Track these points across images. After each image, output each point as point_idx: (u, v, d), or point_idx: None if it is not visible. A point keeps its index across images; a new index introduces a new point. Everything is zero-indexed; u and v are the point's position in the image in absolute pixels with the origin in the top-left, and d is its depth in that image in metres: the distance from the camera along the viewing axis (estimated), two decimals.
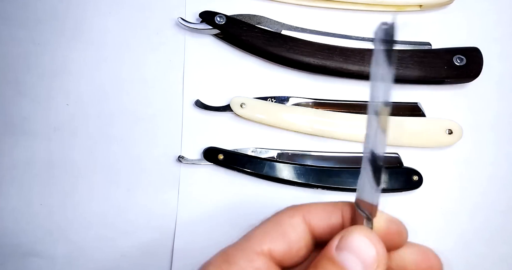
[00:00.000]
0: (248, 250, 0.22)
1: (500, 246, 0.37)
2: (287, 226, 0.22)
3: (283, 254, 0.22)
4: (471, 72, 0.37)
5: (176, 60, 0.39)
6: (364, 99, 0.38)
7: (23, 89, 0.39)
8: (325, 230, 0.23)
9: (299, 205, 0.23)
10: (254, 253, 0.22)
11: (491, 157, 0.38)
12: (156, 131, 0.38)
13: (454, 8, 0.40)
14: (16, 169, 0.38)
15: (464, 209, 0.37)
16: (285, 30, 0.39)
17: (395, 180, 0.36)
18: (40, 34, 0.40)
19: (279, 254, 0.22)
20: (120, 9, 0.40)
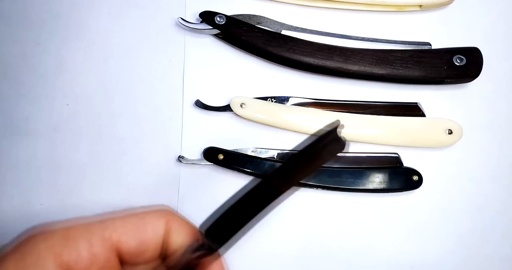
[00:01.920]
0: (95, 233, 0.21)
1: (500, 247, 0.37)
2: (148, 225, 0.22)
3: (130, 249, 0.21)
4: (471, 72, 0.37)
5: (176, 60, 0.39)
6: (364, 99, 0.38)
7: (24, 89, 0.39)
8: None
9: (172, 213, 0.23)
10: (99, 238, 0.21)
11: (491, 157, 0.38)
12: (156, 131, 0.38)
13: (454, 8, 0.40)
14: (16, 169, 0.38)
15: (464, 209, 0.37)
16: (285, 30, 0.39)
17: (395, 180, 0.36)
18: (41, 34, 0.40)
19: (127, 248, 0.21)
20: (120, 9, 0.40)
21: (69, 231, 0.21)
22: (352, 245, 0.37)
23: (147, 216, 0.22)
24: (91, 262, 0.20)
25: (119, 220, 0.22)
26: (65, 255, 0.20)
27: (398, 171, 0.36)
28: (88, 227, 0.21)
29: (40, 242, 0.20)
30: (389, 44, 0.39)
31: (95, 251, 0.20)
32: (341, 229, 0.37)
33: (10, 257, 0.20)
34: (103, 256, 0.21)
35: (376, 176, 0.36)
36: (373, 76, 0.37)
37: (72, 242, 0.20)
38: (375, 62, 0.37)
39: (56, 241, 0.20)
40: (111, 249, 0.21)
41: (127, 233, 0.21)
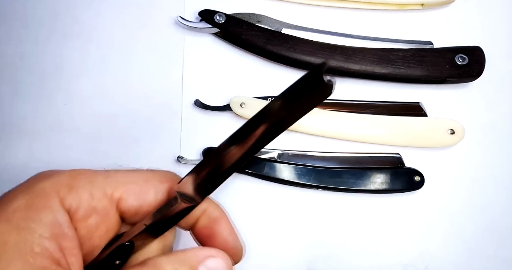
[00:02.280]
0: (97, 186, 0.21)
1: (503, 248, 0.37)
2: (151, 186, 0.22)
3: (130, 208, 0.22)
4: (474, 72, 0.37)
5: (175, 59, 0.39)
6: (365, 99, 0.38)
7: (21, 89, 0.39)
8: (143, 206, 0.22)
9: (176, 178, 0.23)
10: (102, 193, 0.21)
11: (493, 157, 0.38)
12: (155, 131, 0.38)
13: (456, 6, 0.40)
14: (14, 169, 0.38)
15: (466, 210, 0.37)
16: (285, 29, 0.38)
17: (396, 180, 0.36)
18: (39, 34, 0.40)
19: (127, 207, 0.22)
20: (119, 8, 0.40)
21: (74, 179, 0.21)
22: (353, 245, 0.36)
23: (151, 178, 0.22)
24: (90, 212, 0.21)
25: (123, 178, 0.22)
26: (67, 200, 0.20)
27: (399, 171, 0.36)
28: (91, 180, 0.21)
29: (46, 181, 0.21)
30: (390, 43, 0.38)
31: (95, 204, 0.21)
32: (343, 229, 0.37)
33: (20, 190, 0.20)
34: (103, 210, 0.21)
35: (378, 176, 0.36)
36: (375, 76, 0.37)
37: (74, 190, 0.20)
38: (376, 61, 0.37)
39: (61, 185, 0.21)
40: (111, 205, 0.21)
41: (129, 192, 0.22)
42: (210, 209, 0.23)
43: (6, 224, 0.18)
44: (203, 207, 0.23)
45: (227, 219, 0.24)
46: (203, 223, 0.23)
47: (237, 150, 0.19)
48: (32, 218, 0.19)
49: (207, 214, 0.23)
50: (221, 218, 0.23)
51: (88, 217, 0.21)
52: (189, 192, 0.21)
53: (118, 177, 0.22)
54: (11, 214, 0.18)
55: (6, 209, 0.19)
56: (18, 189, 0.20)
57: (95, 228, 0.21)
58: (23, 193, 0.20)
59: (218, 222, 0.23)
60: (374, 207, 0.37)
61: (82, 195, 0.21)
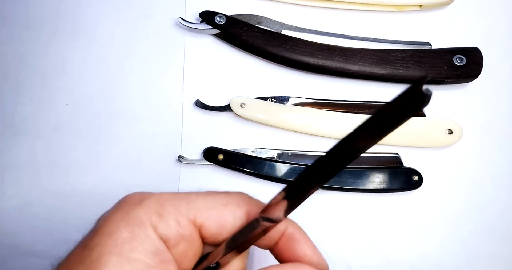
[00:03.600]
0: (182, 213, 0.22)
1: (501, 247, 0.37)
2: (230, 212, 0.23)
3: (211, 234, 0.22)
4: (471, 72, 0.37)
5: (176, 60, 0.39)
6: (364, 99, 0.38)
7: (23, 89, 0.39)
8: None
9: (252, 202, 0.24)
10: (187, 219, 0.22)
11: (491, 157, 0.38)
12: (156, 131, 0.38)
13: (454, 8, 0.40)
14: (16, 169, 0.38)
15: (464, 209, 0.37)
16: (285, 30, 0.39)
17: (395, 180, 0.36)
18: (40, 34, 0.40)
19: (208, 233, 0.22)
20: (120, 9, 0.40)
21: (161, 206, 0.22)
22: (352, 245, 0.37)
23: (229, 203, 0.23)
24: (179, 239, 0.22)
25: (203, 204, 0.23)
26: (159, 228, 0.21)
27: (398, 171, 0.36)
28: (177, 207, 0.22)
29: (140, 210, 0.21)
30: (389, 44, 0.38)
31: (182, 231, 0.22)
32: (341, 229, 0.37)
33: (119, 219, 0.21)
34: (189, 236, 0.22)
35: (376, 176, 0.36)
36: (373, 76, 0.37)
37: (164, 218, 0.21)
38: (375, 62, 0.37)
39: (152, 213, 0.21)
40: (195, 230, 0.22)
41: (210, 219, 0.22)
42: (290, 228, 0.24)
43: (119, 256, 0.20)
44: (283, 227, 0.23)
45: (308, 237, 0.24)
46: (283, 243, 0.24)
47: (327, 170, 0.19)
48: (138, 249, 0.20)
49: (288, 234, 0.24)
50: (302, 238, 0.24)
51: (178, 243, 0.22)
52: (278, 217, 0.21)
53: (199, 202, 0.23)
54: (120, 247, 0.20)
55: (115, 241, 0.20)
56: (116, 216, 0.22)
57: (184, 253, 0.22)
58: (123, 223, 0.21)
59: (300, 242, 0.23)
60: (373, 207, 0.37)
61: (170, 223, 0.21)
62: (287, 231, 0.24)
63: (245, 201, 0.24)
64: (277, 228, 0.23)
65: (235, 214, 0.23)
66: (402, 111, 0.16)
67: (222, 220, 0.22)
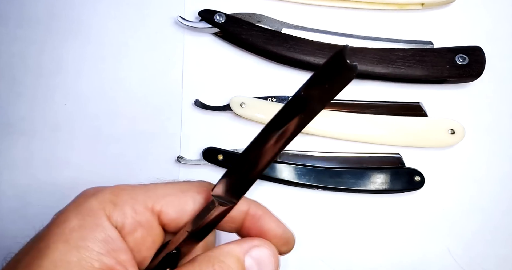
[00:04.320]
0: (139, 201, 0.22)
1: (503, 247, 0.37)
2: (189, 197, 0.23)
3: (171, 220, 0.22)
4: (474, 72, 0.37)
5: (175, 59, 0.39)
6: (365, 98, 0.38)
7: (21, 89, 0.39)
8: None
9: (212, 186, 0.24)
10: (144, 207, 0.22)
11: (493, 157, 0.38)
12: (155, 131, 0.38)
13: (456, 6, 0.40)
14: (13, 169, 0.38)
15: (466, 210, 0.37)
16: (285, 29, 0.38)
17: (397, 180, 0.36)
18: (38, 33, 0.40)
19: (167, 219, 0.22)
20: (118, 8, 0.40)
21: (116, 196, 0.22)
22: (353, 246, 0.36)
23: (188, 189, 0.23)
24: (136, 226, 0.22)
25: (161, 191, 0.23)
26: (113, 217, 0.21)
27: (400, 171, 0.36)
28: (132, 196, 0.22)
29: (93, 200, 0.21)
30: (390, 43, 0.38)
31: (139, 218, 0.22)
32: (343, 230, 0.37)
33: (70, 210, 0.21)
34: (146, 223, 0.22)
35: (378, 176, 0.36)
36: (375, 76, 0.37)
37: (119, 206, 0.21)
38: (376, 61, 0.37)
39: (105, 202, 0.21)
40: (153, 217, 0.22)
41: (169, 204, 0.22)
42: (252, 208, 0.24)
43: (66, 244, 0.19)
44: (245, 208, 0.24)
45: (271, 213, 0.24)
46: (248, 223, 0.24)
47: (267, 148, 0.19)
48: (87, 237, 0.20)
49: (251, 214, 0.24)
50: (265, 214, 0.24)
51: (134, 231, 0.22)
52: (224, 194, 0.21)
53: (157, 190, 0.23)
54: (68, 235, 0.20)
55: (63, 230, 0.20)
56: (69, 208, 0.22)
57: (142, 240, 0.22)
58: (74, 213, 0.21)
59: (263, 219, 0.23)
60: (374, 207, 0.37)
61: (126, 211, 0.21)
62: (249, 211, 0.24)
63: (206, 187, 0.24)
64: (237, 209, 0.23)
65: (195, 199, 0.23)
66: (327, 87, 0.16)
67: (181, 205, 0.23)
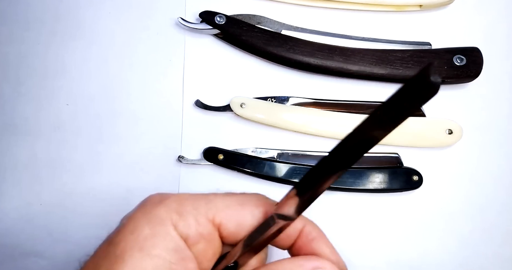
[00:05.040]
0: (202, 213, 0.22)
1: (501, 247, 0.37)
2: (248, 211, 0.23)
3: (229, 233, 0.23)
4: (471, 72, 0.37)
5: (176, 60, 0.39)
6: (364, 99, 0.38)
7: (23, 89, 0.39)
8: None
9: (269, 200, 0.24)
10: (206, 219, 0.22)
11: (491, 157, 0.38)
12: (156, 131, 0.38)
13: (454, 8, 0.40)
14: (16, 169, 0.38)
15: (464, 210, 0.37)
16: (285, 30, 0.39)
17: (395, 180, 0.36)
18: (41, 34, 0.40)
19: (226, 232, 0.23)
20: (120, 9, 0.40)
21: (181, 206, 0.22)
22: (352, 245, 0.36)
23: (247, 203, 0.23)
24: (199, 238, 0.22)
25: (221, 204, 0.23)
26: (179, 227, 0.22)
27: (398, 171, 0.36)
28: (196, 206, 0.22)
29: (161, 208, 0.22)
30: (389, 44, 0.38)
31: (201, 230, 0.22)
32: (341, 229, 0.37)
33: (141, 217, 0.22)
34: (209, 235, 0.22)
35: (376, 176, 0.36)
36: (373, 76, 0.37)
37: (184, 217, 0.22)
38: (375, 62, 0.37)
39: (172, 212, 0.22)
40: (214, 229, 0.23)
41: (229, 218, 0.23)
42: (308, 227, 0.24)
43: (141, 252, 0.20)
44: (300, 226, 0.24)
45: (326, 237, 0.24)
46: (302, 242, 0.24)
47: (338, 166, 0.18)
48: (160, 245, 0.21)
49: (305, 233, 0.24)
50: (319, 236, 0.24)
51: (197, 242, 0.22)
52: (290, 213, 0.21)
53: (217, 202, 0.23)
54: (142, 243, 0.21)
55: (137, 237, 0.21)
56: (138, 215, 0.22)
57: (204, 252, 0.22)
58: (145, 220, 0.22)
59: (317, 241, 0.24)
60: (373, 207, 0.37)
61: (190, 222, 0.22)
62: (304, 229, 0.24)
63: (263, 201, 0.24)
64: (293, 226, 0.23)
65: (253, 213, 0.23)
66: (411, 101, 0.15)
67: (240, 219, 0.23)
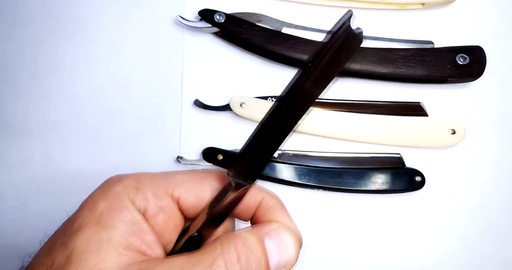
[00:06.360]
0: (160, 187, 0.23)
1: (503, 248, 0.37)
2: (207, 184, 0.24)
3: (190, 206, 0.24)
4: (474, 71, 0.36)
5: (175, 59, 0.39)
6: (366, 98, 0.38)
7: (20, 88, 0.39)
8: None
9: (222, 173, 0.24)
10: (164, 192, 0.23)
11: (494, 157, 0.37)
12: (155, 131, 0.38)
13: (457, 6, 0.40)
14: (12, 169, 0.38)
15: (467, 210, 0.37)
16: (285, 28, 0.38)
17: (397, 181, 0.36)
18: (37, 33, 0.39)
19: (186, 205, 0.24)
20: (118, 7, 0.40)
21: (138, 182, 0.23)
22: (354, 246, 0.36)
23: (207, 177, 0.24)
24: (158, 211, 0.23)
25: (181, 178, 0.24)
26: (136, 201, 0.22)
27: (400, 171, 0.36)
28: (153, 182, 0.23)
29: (118, 185, 0.23)
30: (391, 42, 0.38)
31: (160, 203, 0.23)
32: (343, 230, 0.37)
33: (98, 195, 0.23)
34: (167, 208, 0.23)
35: (378, 176, 0.36)
36: (375, 75, 0.37)
37: (141, 191, 0.23)
38: (377, 61, 0.37)
39: (129, 188, 0.23)
40: (173, 202, 0.23)
41: (188, 191, 0.24)
42: (266, 198, 0.25)
43: (97, 224, 0.21)
44: (259, 197, 0.25)
45: (284, 207, 0.25)
46: (261, 212, 0.25)
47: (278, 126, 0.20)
48: (115, 218, 0.21)
49: (264, 203, 0.25)
50: (277, 206, 0.25)
51: (156, 215, 0.23)
52: (239, 176, 0.22)
53: (177, 177, 0.24)
54: (98, 217, 0.21)
55: (93, 213, 0.22)
56: (96, 194, 0.23)
57: (164, 224, 0.23)
58: (102, 197, 0.22)
59: (275, 210, 0.24)
60: (375, 207, 0.37)
61: (147, 195, 0.23)
62: (263, 200, 0.25)
63: (223, 175, 0.25)
64: (252, 197, 0.24)
65: (213, 186, 0.24)
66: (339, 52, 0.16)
67: (199, 192, 0.24)
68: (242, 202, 0.23)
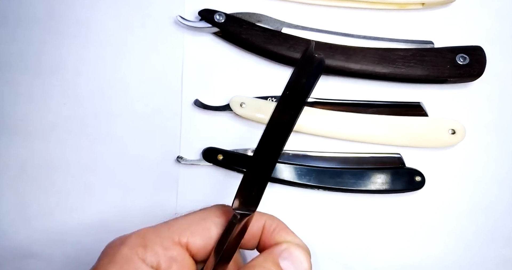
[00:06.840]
0: (166, 238, 0.23)
1: (503, 248, 0.36)
2: (211, 223, 0.24)
3: (199, 248, 0.24)
4: (474, 71, 0.36)
5: (175, 59, 0.39)
6: (366, 98, 0.38)
7: (20, 89, 0.39)
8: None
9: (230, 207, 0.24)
10: (171, 242, 0.23)
11: (494, 157, 0.37)
12: (155, 131, 0.38)
13: (457, 6, 0.40)
14: (12, 170, 0.38)
15: (467, 210, 0.37)
16: (285, 28, 0.38)
17: (397, 181, 0.36)
18: (38, 33, 0.39)
19: (196, 248, 0.24)
20: (118, 7, 0.40)
21: (143, 239, 0.23)
22: (353, 246, 0.36)
23: (208, 216, 0.25)
24: (170, 262, 0.23)
25: (183, 223, 0.24)
26: (147, 259, 0.22)
27: (400, 171, 0.36)
28: (158, 234, 0.23)
29: (123, 248, 0.22)
30: (391, 42, 0.38)
31: (170, 254, 0.23)
32: (343, 230, 0.36)
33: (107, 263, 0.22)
34: (179, 256, 0.23)
35: (378, 176, 0.36)
36: (375, 75, 0.37)
37: (149, 247, 0.23)
38: (377, 61, 0.37)
39: (136, 247, 0.22)
40: (182, 250, 0.23)
41: (194, 234, 0.24)
42: (268, 221, 0.25)
43: None
44: (261, 222, 0.25)
45: (286, 226, 0.25)
46: (267, 236, 0.25)
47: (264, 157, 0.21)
48: None
49: (267, 227, 0.25)
50: (280, 226, 0.25)
51: (170, 267, 0.23)
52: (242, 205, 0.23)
53: (179, 223, 0.24)
54: None
55: None
56: (102, 263, 0.23)
57: None
58: (111, 264, 0.22)
59: (280, 231, 0.25)
60: (375, 208, 0.37)
61: (157, 250, 0.23)
62: (265, 225, 0.25)
63: (223, 210, 0.25)
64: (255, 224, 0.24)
65: (216, 223, 0.24)
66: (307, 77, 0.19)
67: (205, 232, 0.24)
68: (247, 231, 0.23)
